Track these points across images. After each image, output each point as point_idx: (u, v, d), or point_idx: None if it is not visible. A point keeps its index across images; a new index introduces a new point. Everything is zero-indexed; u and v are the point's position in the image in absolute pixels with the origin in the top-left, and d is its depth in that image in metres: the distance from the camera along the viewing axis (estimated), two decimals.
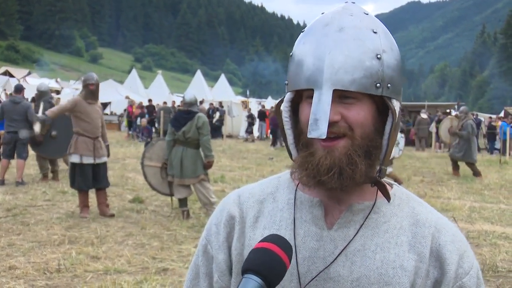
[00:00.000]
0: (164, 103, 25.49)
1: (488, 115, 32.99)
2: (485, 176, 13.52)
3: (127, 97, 29.44)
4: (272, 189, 1.24)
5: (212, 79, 71.90)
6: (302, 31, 1.15)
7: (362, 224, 1.13)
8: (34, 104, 10.66)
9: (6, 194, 8.88)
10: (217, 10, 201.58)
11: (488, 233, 7.22)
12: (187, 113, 7.55)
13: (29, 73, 40.24)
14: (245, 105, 29.33)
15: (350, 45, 1.07)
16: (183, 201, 7.67)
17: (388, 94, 1.10)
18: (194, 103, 7.75)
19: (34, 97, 11.37)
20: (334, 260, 1.11)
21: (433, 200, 9.47)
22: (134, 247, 6.08)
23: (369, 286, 1.09)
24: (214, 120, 25.28)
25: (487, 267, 5.63)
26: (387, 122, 1.11)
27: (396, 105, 1.11)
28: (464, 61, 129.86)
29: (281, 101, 1.18)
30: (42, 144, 10.33)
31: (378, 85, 1.08)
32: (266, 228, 1.17)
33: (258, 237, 1.11)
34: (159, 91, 34.18)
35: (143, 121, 19.15)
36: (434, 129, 22.57)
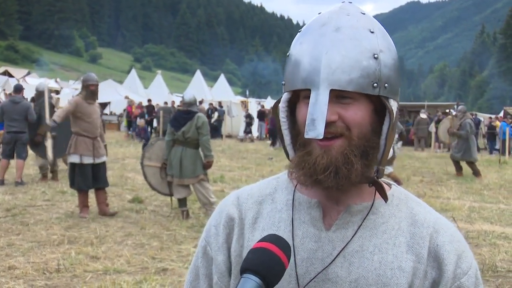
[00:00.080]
0: (165, 103, 25.47)
1: (488, 115, 32.97)
2: (485, 176, 13.53)
3: (127, 97, 29.43)
4: (271, 190, 1.24)
5: (212, 79, 71.90)
6: (299, 31, 1.15)
7: (360, 225, 1.13)
8: (34, 104, 10.65)
9: (6, 194, 8.88)
10: (217, 10, 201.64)
11: (488, 233, 7.22)
12: (187, 113, 7.54)
13: (29, 73, 40.23)
14: (245, 105, 29.31)
15: (347, 45, 1.06)
16: (183, 201, 7.67)
17: (386, 94, 1.09)
18: (194, 103, 7.75)
19: (34, 97, 11.34)
20: (332, 261, 1.11)
21: (433, 200, 9.47)
22: (134, 247, 6.08)
23: (367, 287, 1.09)
24: (213, 120, 25.27)
25: (487, 267, 5.63)
26: (385, 122, 1.11)
27: (394, 105, 1.11)
28: (464, 61, 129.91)
29: (279, 102, 1.18)
30: (42, 145, 10.33)
31: (375, 85, 1.07)
32: (265, 229, 1.17)
33: (257, 238, 1.11)
34: (159, 91, 34.17)
35: (141, 122, 19.16)
36: (434, 129, 22.58)
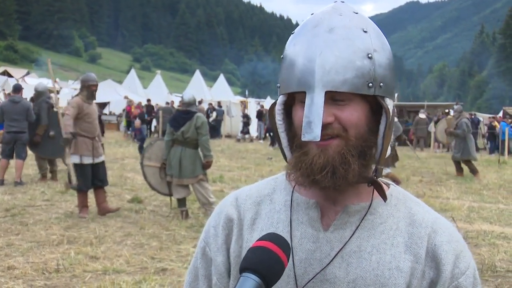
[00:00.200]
0: (167, 104, 25.42)
1: (488, 115, 32.96)
2: (484, 176, 13.53)
3: (126, 97, 29.41)
4: (269, 191, 1.24)
5: (211, 79, 71.92)
6: (292, 33, 1.14)
7: (358, 226, 1.13)
8: (33, 104, 10.64)
9: (5, 194, 8.88)
10: (216, 10, 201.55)
11: (487, 233, 7.22)
12: (186, 113, 7.54)
13: (28, 73, 40.20)
14: (244, 105, 29.30)
15: (341, 46, 1.06)
16: (182, 201, 7.67)
17: (381, 94, 1.09)
18: (193, 103, 7.75)
19: (33, 97, 11.34)
20: (330, 262, 1.11)
21: (432, 200, 9.47)
22: (133, 247, 6.08)
23: None
24: (210, 120, 25.26)
25: (486, 267, 5.63)
26: (381, 122, 1.11)
27: (390, 104, 1.11)
28: (463, 61, 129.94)
29: (275, 104, 1.18)
30: (40, 145, 10.33)
31: (371, 85, 1.07)
32: (263, 230, 1.17)
33: (256, 239, 1.10)
34: (158, 91, 34.17)
35: (137, 122, 19.15)
36: (433, 129, 22.59)
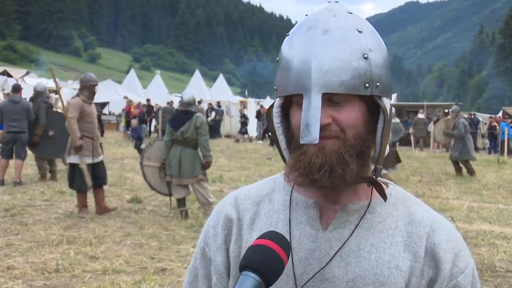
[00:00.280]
0: (168, 104, 25.38)
1: (488, 115, 32.95)
2: (483, 176, 13.54)
3: (126, 97, 29.38)
4: (268, 191, 1.24)
5: (211, 79, 71.95)
6: (287, 35, 1.14)
7: (357, 225, 1.13)
8: (32, 104, 10.64)
9: (4, 194, 8.88)
10: (215, 10, 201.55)
11: (486, 233, 7.22)
12: (185, 113, 7.54)
13: (27, 73, 40.17)
14: (243, 105, 29.29)
15: (336, 47, 1.06)
16: (182, 201, 7.66)
17: (378, 93, 1.09)
18: (192, 103, 7.74)
19: (32, 97, 11.33)
20: (329, 261, 1.11)
21: (432, 200, 9.47)
22: (133, 247, 6.08)
23: (364, 287, 1.09)
24: (209, 120, 25.24)
25: (485, 267, 5.63)
26: (379, 121, 1.11)
27: (387, 103, 1.11)
28: (462, 61, 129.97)
29: (272, 107, 1.18)
30: (40, 145, 10.32)
31: (367, 85, 1.07)
32: (263, 230, 1.16)
33: (255, 239, 1.11)
34: (158, 91, 34.14)
35: (134, 122, 19.15)
36: (432, 129, 22.58)
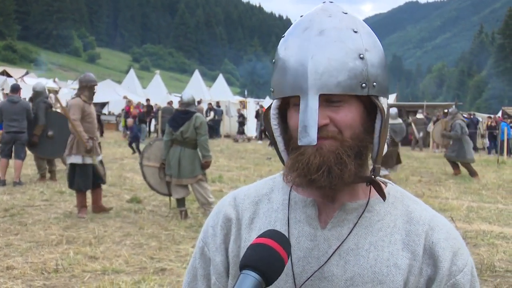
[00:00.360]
0: (168, 103, 25.38)
1: (487, 115, 32.94)
2: (483, 176, 13.54)
3: (125, 97, 29.39)
4: (267, 190, 1.25)
5: (210, 79, 71.94)
6: (283, 36, 1.14)
7: (356, 223, 1.13)
8: (32, 104, 10.63)
9: (4, 194, 8.87)
10: (215, 10, 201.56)
11: (486, 233, 7.23)
12: (185, 113, 7.54)
13: (27, 73, 40.17)
14: (243, 105, 29.30)
15: (332, 48, 1.06)
16: (181, 201, 7.66)
17: (375, 93, 1.09)
18: (192, 103, 7.74)
19: (31, 97, 11.33)
20: (328, 260, 1.11)
21: (431, 200, 9.47)
22: (132, 247, 6.07)
23: (363, 285, 1.09)
24: (207, 120, 25.23)
25: (485, 267, 5.63)
26: (377, 121, 1.11)
27: (384, 102, 1.11)
28: (462, 61, 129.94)
29: (269, 108, 1.18)
30: (39, 145, 10.31)
31: (364, 85, 1.07)
32: (261, 229, 1.16)
33: (254, 239, 1.11)
34: (157, 91, 34.14)
35: (130, 121, 19.14)
36: (432, 129, 22.58)
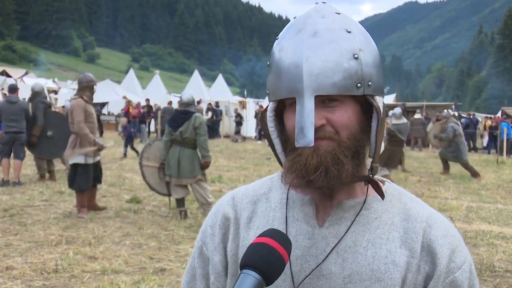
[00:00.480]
0: (168, 104, 25.36)
1: (485, 115, 32.95)
2: (482, 176, 13.54)
3: (125, 97, 29.38)
4: (265, 190, 1.25)
5: (210, 79, 71.91)
6: (277, 38, 1.14)
7: (353, 221, 1.14)
8: (31, 104, 10.63)
9: (3, 194, 8.87)
10: (214, 10, 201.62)
11: (486, 233, 7.23)
12: (184, 113, 7.54)
13: (26, 73, 40.17)
14: (242, 105, 29.29)
15: (326, 49, 1.06)
16: (181, 201, 7.66)
17: (370, 92, 1.09)
18: (192, 103, 7.74)
19: (30, 97, 11.33)
20: (326, 258, 1.11)
21: (431, 200, 9.48)
22: (132, 247, 6.07)
23: (361, 282, 1.10)
24: (206, 119, 25.17)
25: (485, 267, 5.64)
26: (373, 120, 1.11)
27: (380, 101, 1.11)
28: (461, 61, 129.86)
29: (266, 110, 1.18)
30: (38, 145, 10.30)
31: (359, 85, 1.07)
32: (259, 228, 1.17)
33: (252, 238, 1.11)
34: (157, 91, 34.13)
35: (123, 120, 19.02)
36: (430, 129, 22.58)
